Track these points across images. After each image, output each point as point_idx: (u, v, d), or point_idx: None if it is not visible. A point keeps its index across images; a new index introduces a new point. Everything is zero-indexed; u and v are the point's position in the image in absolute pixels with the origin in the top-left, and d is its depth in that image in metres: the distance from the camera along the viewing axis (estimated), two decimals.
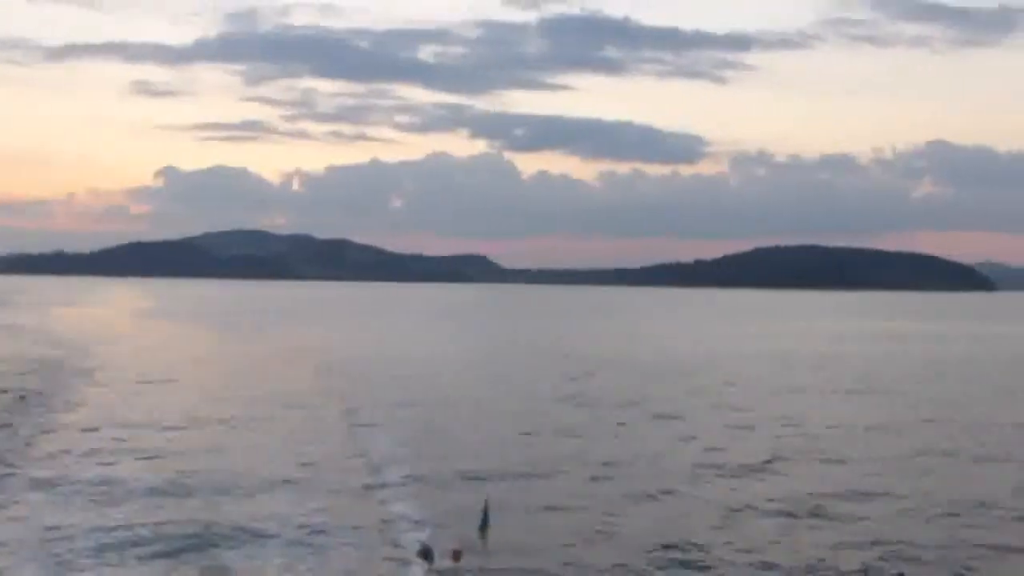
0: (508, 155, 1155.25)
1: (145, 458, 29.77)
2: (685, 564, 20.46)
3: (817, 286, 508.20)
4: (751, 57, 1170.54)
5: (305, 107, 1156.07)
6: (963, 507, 25.59)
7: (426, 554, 19.30)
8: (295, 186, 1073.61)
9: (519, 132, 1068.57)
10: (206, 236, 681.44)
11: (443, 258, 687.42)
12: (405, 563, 19.63)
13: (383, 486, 26.48)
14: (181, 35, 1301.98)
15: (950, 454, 33.81)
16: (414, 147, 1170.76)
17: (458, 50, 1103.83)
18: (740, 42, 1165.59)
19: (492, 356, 74.42)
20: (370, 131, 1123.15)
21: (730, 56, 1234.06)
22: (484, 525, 21.67)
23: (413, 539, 20.95)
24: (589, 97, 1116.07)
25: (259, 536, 21.49)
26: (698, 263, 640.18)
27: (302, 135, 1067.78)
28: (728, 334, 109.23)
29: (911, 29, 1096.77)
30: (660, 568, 20.30)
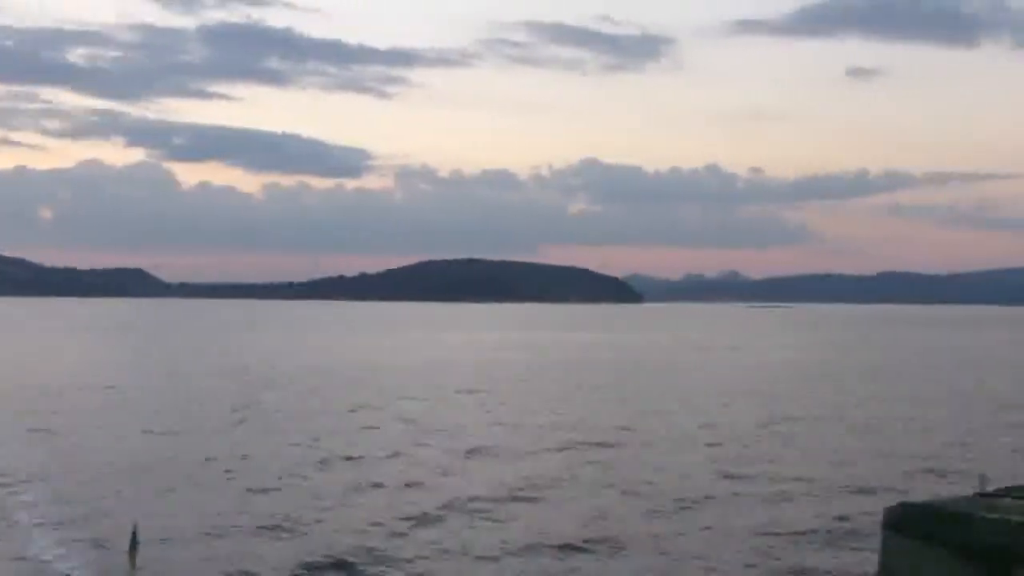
0: (168, 165, 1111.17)
1: None
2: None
3: (479, 298, 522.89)
4: (415, 73, 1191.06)
5: None
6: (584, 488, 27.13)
7: None
8: None
9: (179, 141, 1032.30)
10: None
11: (99, 272, 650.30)
12: None
13: (16, 524, 24.31)
14: None
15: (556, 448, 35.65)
16: (64, 155, 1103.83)
17: (112, 54, 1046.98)
18: (404, 58, 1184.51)
19: (133, 374, 71.24)
20: (15, 136, 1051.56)
21: (394, 71, 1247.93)
22: (133, 548, 20.78)
23: (58, 570, 19.86)
24: (253, 108, 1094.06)
25: None
26: (363, 276, 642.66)
27: None
28: (379, 346, 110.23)
29: (564, 52, 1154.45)
30: None
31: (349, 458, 33.62)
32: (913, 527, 8.48)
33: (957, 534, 8.09)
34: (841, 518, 24.95)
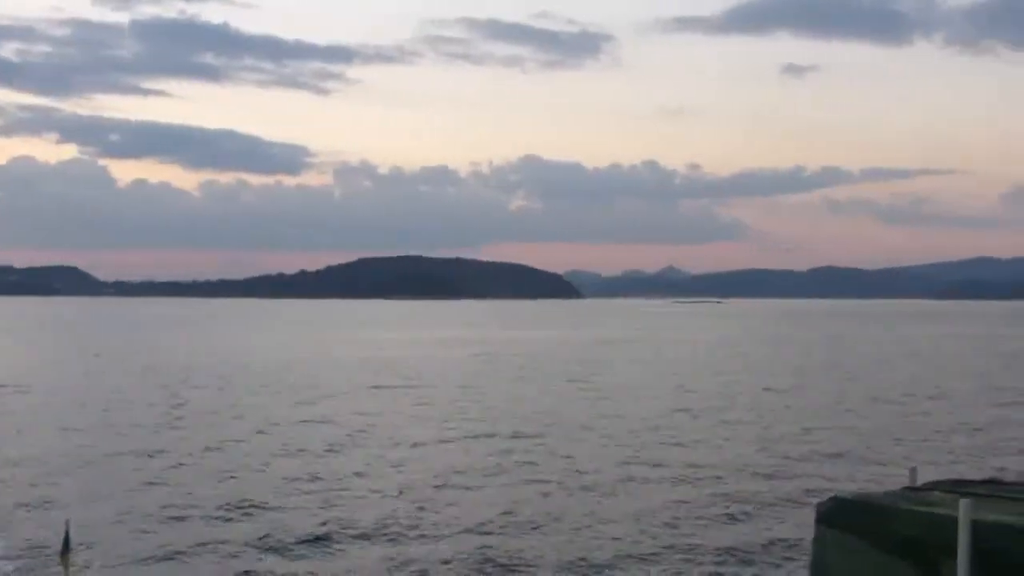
0: (103, 162, 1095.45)
1: None
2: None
3: (418, 296, 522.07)
4: (352, 70, 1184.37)
5: None
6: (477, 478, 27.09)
7: None
8: None
9: (114, 138, 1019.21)
10: None
11: (32, 270, 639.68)
12: None
13: None
14: None
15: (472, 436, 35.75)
16: None
17: (43, 49, 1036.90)
18: (341, 54, 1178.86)
19: (55, 373, 70.04)
20: None
21: (332, 68, 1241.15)
22: (66, 549, 20.24)
23: None
24: (189, 104, 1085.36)
25: None
26: (303, 274, 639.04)
27: None
28: (309, 343, 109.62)
29: (502, 49, 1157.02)
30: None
31: (279, 453, 33.37)
32: (844, 521, 8.56)
33: (886, 527, 8.18)
34: (751, 501, 25.29)
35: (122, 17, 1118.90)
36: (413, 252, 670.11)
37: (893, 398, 52.72)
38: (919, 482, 9.22)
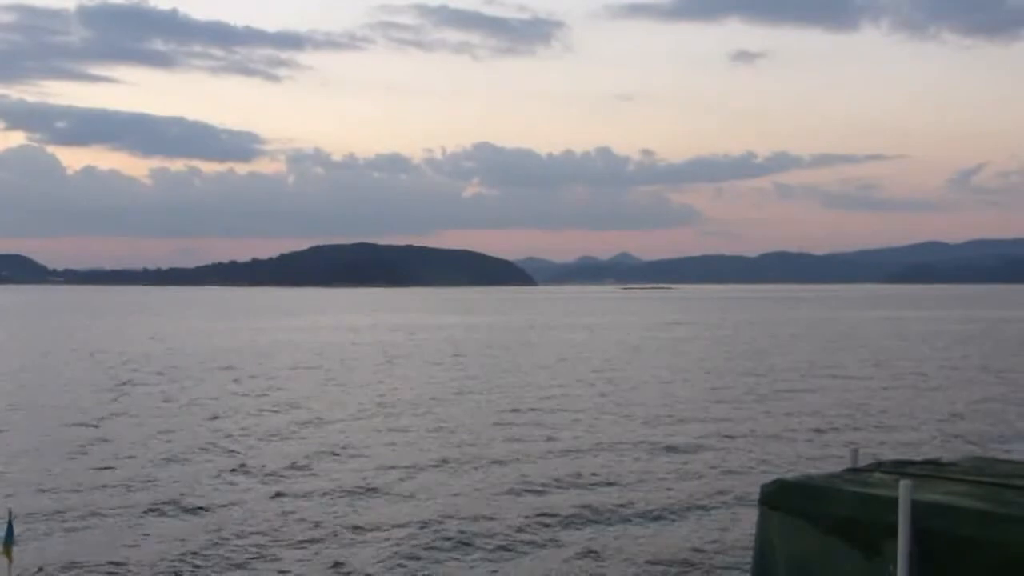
0: (51, 149, 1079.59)
1: None
2: (225, 560, 19.90)
3: (372, 283, 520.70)
4: (304, 56, 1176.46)
5: None
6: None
7: None
8: None
9: (61, 125, 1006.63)
10: None
11: None
12: None
13: None
14: None
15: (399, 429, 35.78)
16: None
17: None
18: (292, 41, 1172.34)
19: (10, 361, 69.11)
20: None
21: (283, 54, 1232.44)
22: (8, 540, 19.83)
23: None
24: (137, 91, 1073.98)
25: None
26: (255, 262, 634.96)
27: None
28: (257, 330, 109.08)
29: (454, 36, 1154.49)
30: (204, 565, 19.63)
31: (218, 444, 33.27)
32: (787, 503, 8.57)
33: (829, 509, 8.20)
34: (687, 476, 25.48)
35: (68, 3, 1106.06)
36: (367, 239, 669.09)
37: (834, 379, 53.44)
38: (860, 463, 9.28)
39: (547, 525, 22.36)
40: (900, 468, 8.99)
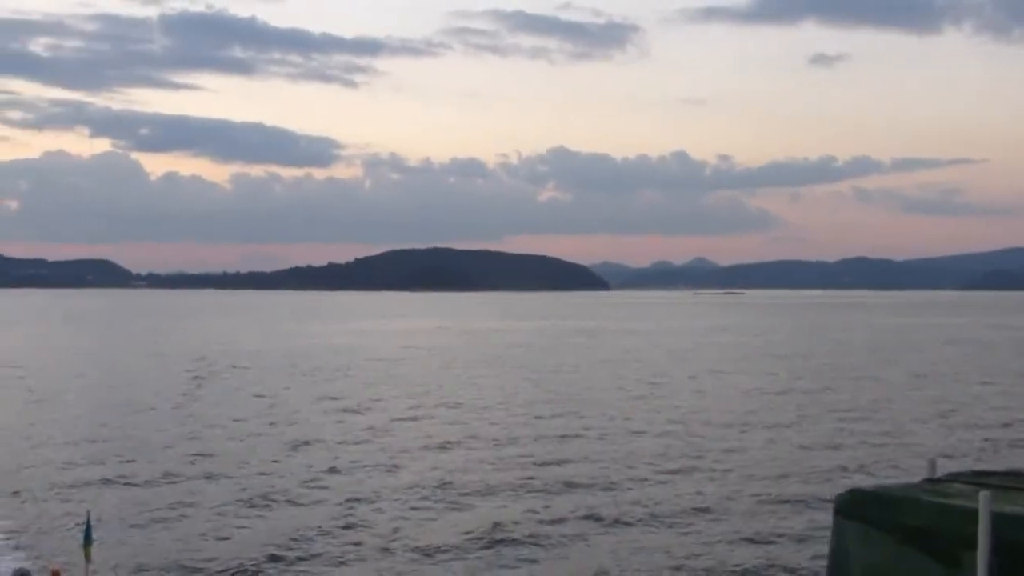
0: (134, 155, 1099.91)
1: None
2: (300, 560, 20.11)
3: (446, 288, 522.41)
4: (380, 62, 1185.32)
5: None
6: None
7: None
8: None
9: (145, 132, 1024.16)
10: None
11: (65, 263, 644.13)
12: None
13: None
14: None
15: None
16: (28, 145, 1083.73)
17: (74, 44, 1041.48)
18: (369, 47, 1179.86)
19: (95, 363, 70.53)
20: None
21: (360, 60, 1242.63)
22: (87, 540, 20.30)
23: (5, 566, 19.46)
24: (217, 98, 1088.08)
25: None
26: (331, 266, 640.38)
27: None
28: (333, 332, 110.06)
29: (529, 41, 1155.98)
30: (275, 563, 19.88)
31: (303, 442, 33.72)
32: (862, 512, 8.44)
33: (905, 519, 8.05)
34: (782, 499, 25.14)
35: (151, 12, 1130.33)
36: (441, 244, 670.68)
37: (914, 389, 52.46)
38: (938, 474, 9.08)
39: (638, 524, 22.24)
40: (980, 479, 8.77)
